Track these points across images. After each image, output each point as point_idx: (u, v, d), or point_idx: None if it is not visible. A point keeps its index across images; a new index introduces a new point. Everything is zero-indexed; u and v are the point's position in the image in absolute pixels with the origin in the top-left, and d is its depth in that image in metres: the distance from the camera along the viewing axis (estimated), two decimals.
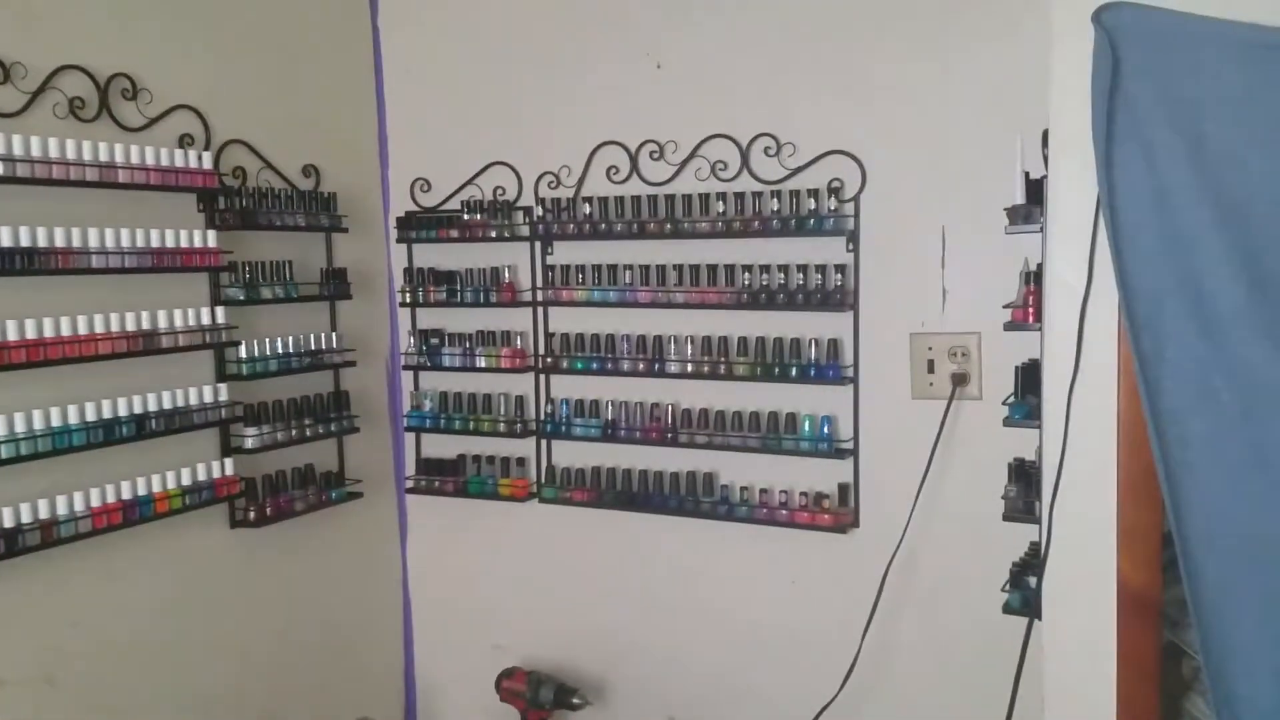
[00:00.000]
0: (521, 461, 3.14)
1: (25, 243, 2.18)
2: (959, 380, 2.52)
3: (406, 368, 3.25)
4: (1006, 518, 2.11)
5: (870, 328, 2.63)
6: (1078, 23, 1.71)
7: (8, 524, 2.16)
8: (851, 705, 2.66)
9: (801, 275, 2.65)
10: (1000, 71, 2.43)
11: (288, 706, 2.95)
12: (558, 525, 3.12)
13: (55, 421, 2.24)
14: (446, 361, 3.13)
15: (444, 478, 3.19)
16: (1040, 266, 1.91)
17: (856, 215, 2.61)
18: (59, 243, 2.24)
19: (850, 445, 2.67)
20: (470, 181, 3.13)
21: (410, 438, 3.31)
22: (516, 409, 3.10)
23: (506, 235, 3.03)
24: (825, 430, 2.66)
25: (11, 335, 2.15)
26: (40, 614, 2.31)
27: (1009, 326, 2.02)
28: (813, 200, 2.61)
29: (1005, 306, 2.06)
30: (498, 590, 3.25)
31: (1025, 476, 2.12)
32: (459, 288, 3.10)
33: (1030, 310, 1.99)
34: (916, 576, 2.62)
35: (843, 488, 2.69)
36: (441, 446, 3.24)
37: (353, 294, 3.05)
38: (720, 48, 2.77)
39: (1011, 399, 2.13)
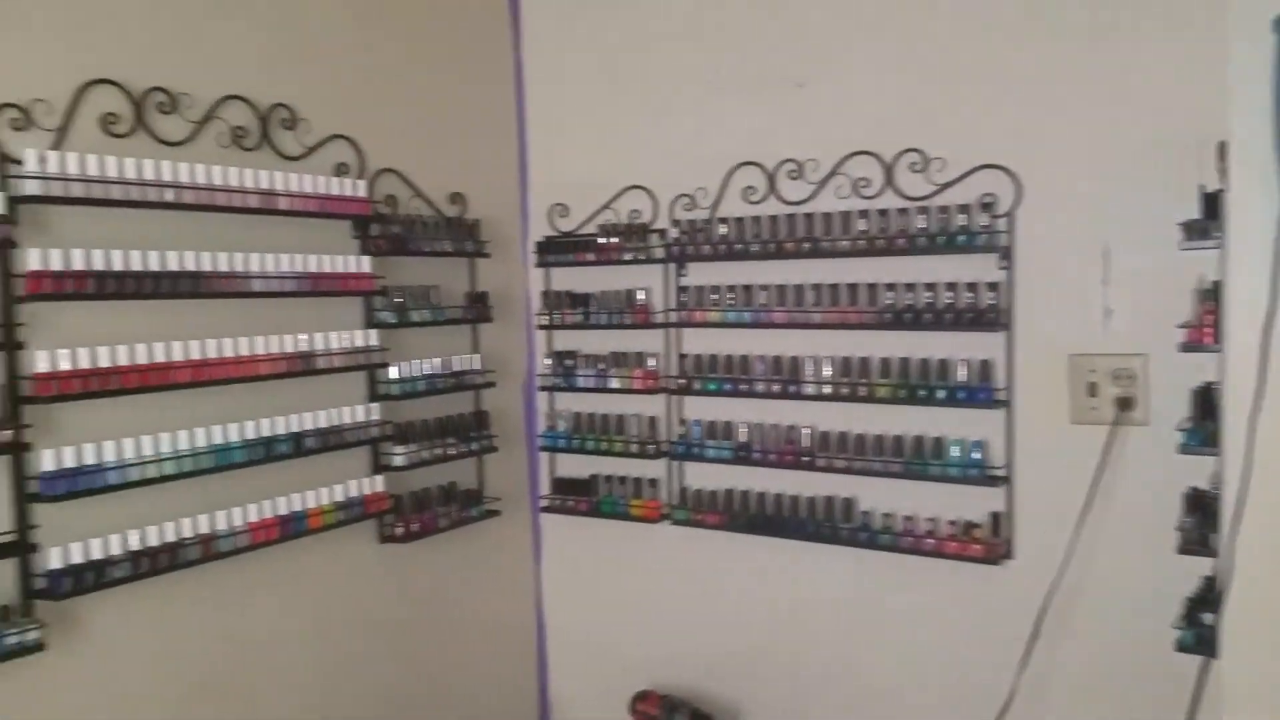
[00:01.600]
0: (653, 483, 3.13)
1: (191, 267, 2.28)
2: (1124, 404, 2.40)
3: (542, 388, 3.28)
4: (1182, 550, 1.99)
5: (1025, 349, 2.52)
6: (1257, 29, 1.62)
7: (170, 538, 2.25)
8: None
9: (951, 294, 2.57)
10: (1169, 77, 2.31)
11: (429, 715, 2.99)
12: (690, 548, 3.09)
13: (217, 439, 2.33)
14: (581, 382, 3.15)
15: (577, 497, 3.21)
16: (1218, 284, 1.80)
17: (1011, 231, 2.52)
18: (223, 267, 2.34)
19: (1003, 472, 2.56)
20: (606, 206, 3.15)
21: (545, 457, 3.33)
22: (649, 430, 3.09)
23: (641, 258, 3.03)
24: (976, 456, 2.56)
25: (177, 355, 2.25)
26: (197, 627, 2.40)
27: (1184, 348, 1.91)
28: (963, 216, 2.53)
29: (1180, 326, 1.94)
30: (630, 611, 3.24)
31: (1202, 507, 2.00)
32: (593, 310, 3.12)
33: (1207, 330, 1.87)
34: (1077, 611, 2.49)
35: (995, 516, 2.58)
36: (575, 466, 3.26)
37: (493, 317, 3.10)
38: (864, 63, 2.72)
39: (1187, 424, 2.01)
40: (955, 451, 2.59)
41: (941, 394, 2.58)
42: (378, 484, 2.72)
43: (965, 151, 2.57)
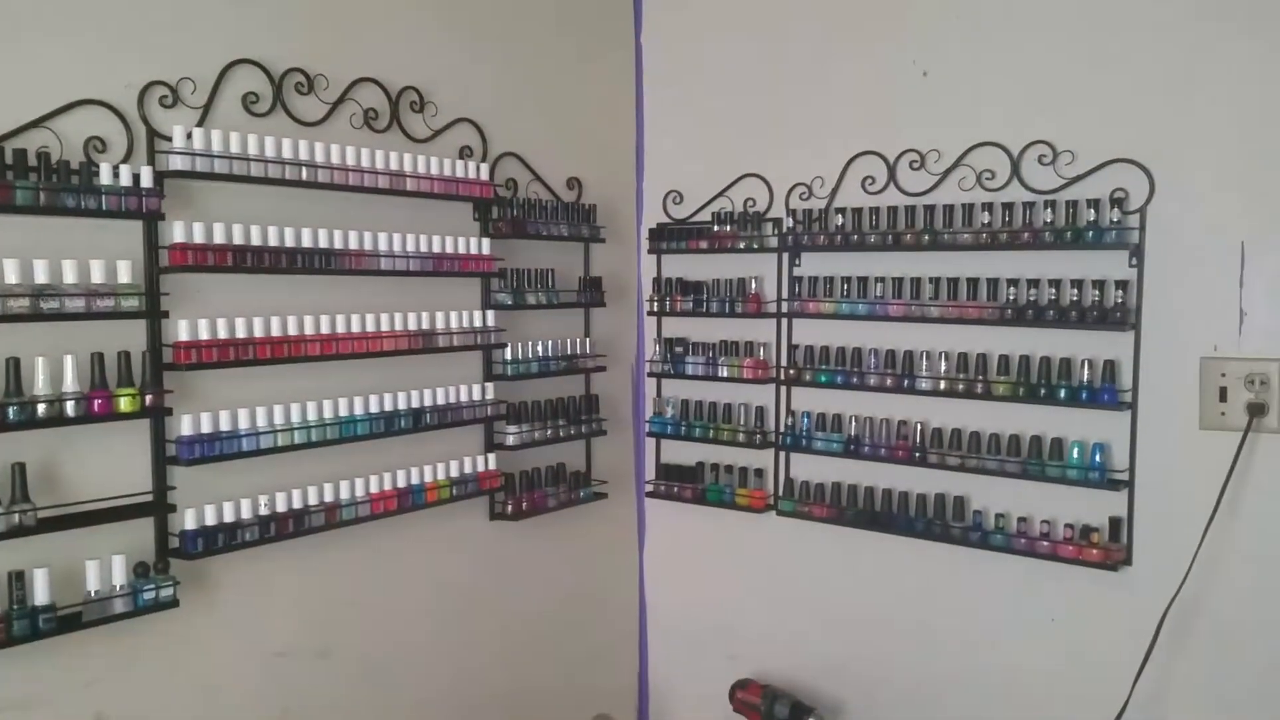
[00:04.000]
0: (760, 472, 3.12)
1: (323, 244, 2.36)
2: (1256, 410, 2.30)
3: (651, 374, 3.30)
4: None
5: (1153, 350, 2.44)
6: None
7: (296, 505, 2.34)
8: None
9: (1076, 291, 2.49)
10: None
11: (531, 692, 3.06)
12: (795, 539, 3.08)
13: (342, 412, 2.41)
14: (689, 370, 3.16)
15: (683, 484, 3.22)
16: None
17: (1142, 228, 2.43)
18: (353, 245, 2.41)
19: (1125, 476, 2.48)
20: (721, 193, 3.15)
21: (651, 443, 3.35)
22: (757, 419, 3.09)
23: (755, 246, 3.02)
24: (1097, 458, 2.49)
25: (308, 329, 2.33)
26: (319, 591, 2.49)
27: None
28: (1092, 211, 2.45)
29: None
30: (732, 600, 3.24)
31: None
32: (705, 298, 3.12)
33: None
34: (1198, 621, 2.40)
35: (1114, 521, 2.50)
36: (681, 453, 3.27)
37: (606, 302, 3.13)
38: (992, 51, 2.66)
39: None
40: (1075, 453, 2.52)
41: (1063, 393, 2.50)
42: (490, 462, 2.78)
43: (1096, 144, 2.49)
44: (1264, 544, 2.31)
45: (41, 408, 1.90)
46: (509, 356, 2.82)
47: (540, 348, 2.90)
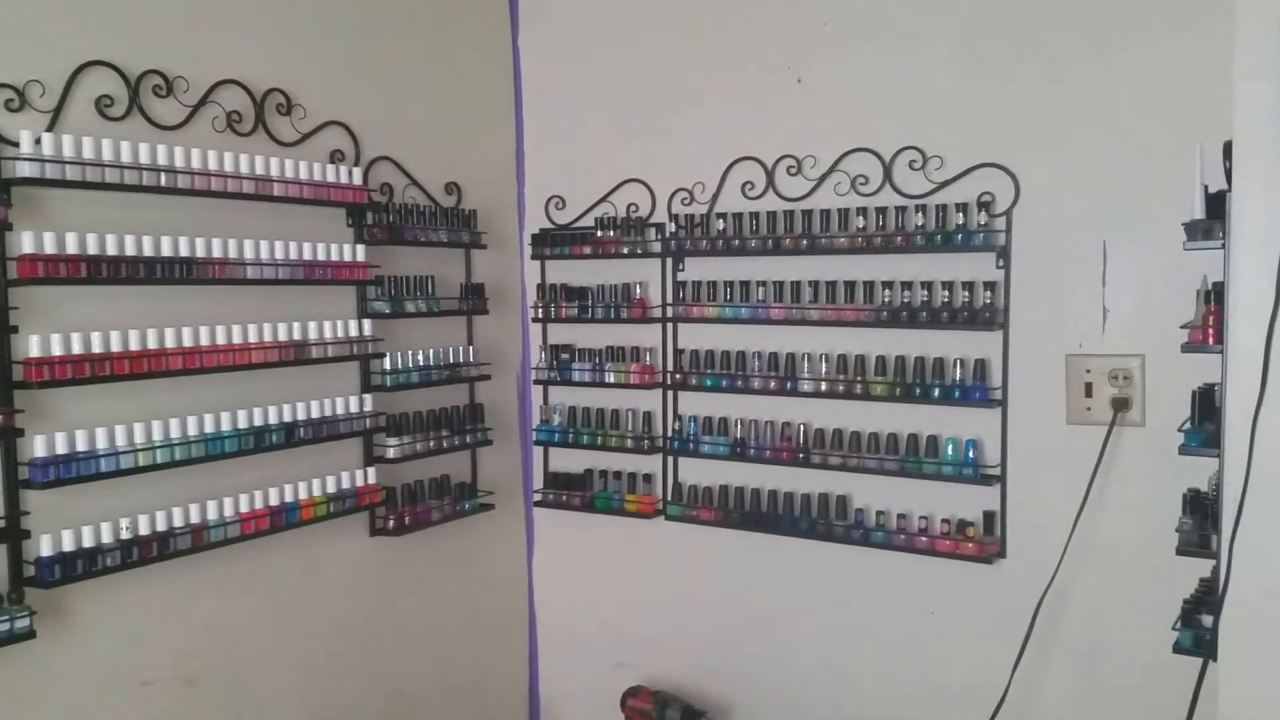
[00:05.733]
0: (648, 478, 3.12)
1: (184, 252, 2.26)
2: (1120, 405, 2.39)
3: (537, 382, 3.27)
4: (1181, 551, 1.98)
5: (1021, 348, 2.52)
6: (1264, 29, 1.62)
7: (160, 527, 2.23)
8: None
9: (947, 292, 2.56)
10: (1172, 75, 2.31)
11: (419, 711, 2.98)
12: (684, 543, 3.08)
13: (209, 428, 2.31)
14: (576, 376, 3.14)
15: (571, 492, 3.19)
16: (1220, 285, 1.79)
17: (1008, 230, 2.51)
18: (216, 253, 2.32)
19: (997, 471, 2.56)
20: (604, 199, 3.14)
21: (538, 451, 3.32)
22: (644, 425, 3.08)
23: (638, 252, 3.02)
24: (970, 454, 2.56)
25: (169, 343, 2.23)
26: (186, 616, 2.38)
27: (1186, 348, 1.90)
28: (961, 215, 2.52)
29: (1183, 327, 1.94)
30: (622, 606, 3.23)
31: (1201, 508, 1.99)
32: (590, 303, 3.11)
33: (1210, 331, 1.87)
34: (1071, 611, 2.49)
35: (988, 515, 2.58)
36: (569, 460, 3.24)
37: (489, 309, 3.09)
38: (864, 59, 2.71)
39: (1186, 425, 2.01)
40: (950, 450, 2.59)
41: (937, 392, 2.57)
42: (370, 476, 2.70)
43: (964, 150, 2.57)
44: (1132, 533, 2.40)
45: None
46: (388, 366, 2.74)
47: (421, 357, 2.83)
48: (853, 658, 2.83)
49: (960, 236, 2.52)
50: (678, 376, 2.99)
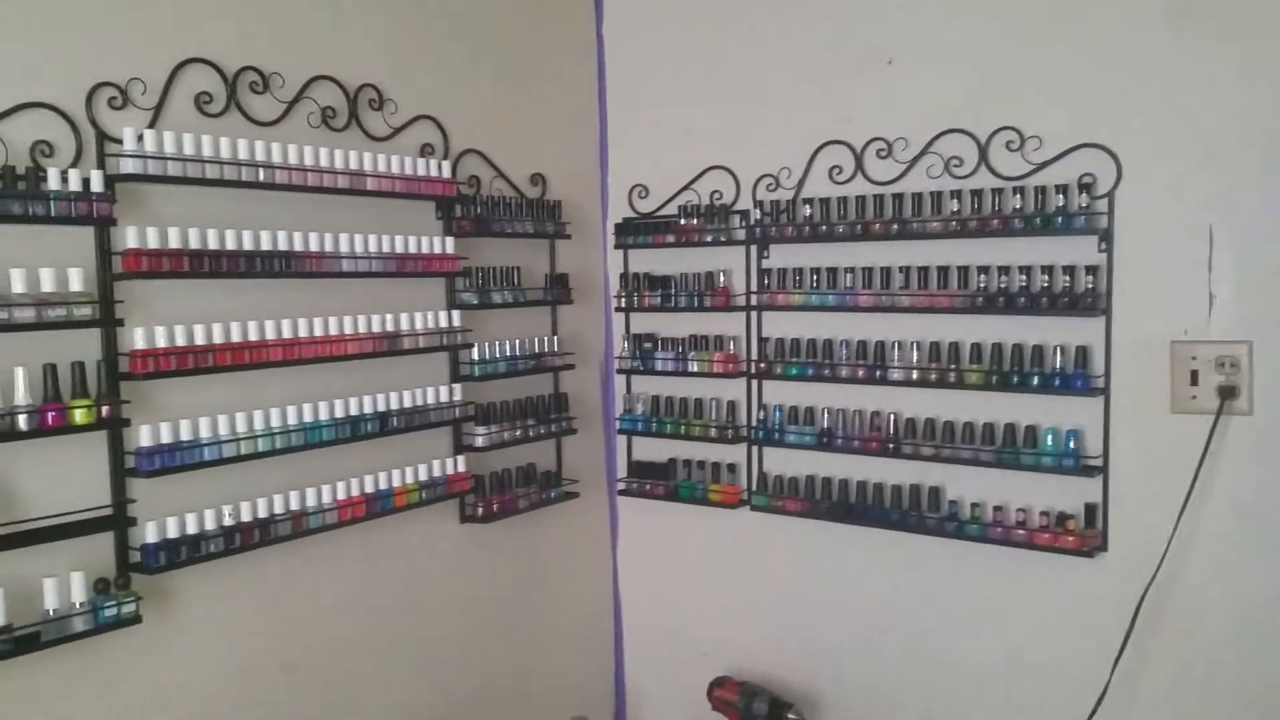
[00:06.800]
0: (732, 467, 3.10)
1: (282, 246, 2.29)
2: (1227, 393, 2.30)
3: (620, 371, 3.26)
4: None
5: (1124, 335, 2.44)
6: None
7: (261, 514, 2.28)
8: None
9: (1046, 277, 2.49)
10: None
11: (506, 695, 3.01)
12: (769, 534, 3.06)
13: (307, 417, 2.36)
14: (659, 365, 3.12)
15: (654, 481, 3.19)
16: None
17: (1110, 213, 2.43)
18: (313, 247, 2.35)
19: (1099, 462, 2.48)
20: (687, 186, 3.12)
21: (622, 440, 3.32)
22: (728, 414, 3.06)
23: (722, 239, 2.99)
24: (1071, 445, 2.48)
25: (269, 334, 2.27)
26: (286, 602, 2.43)
27: None
28: (1061, 197, 2.45)
29: None
30: (706, 597, 3.22)
31: None
32: (673, 292, 3.09)
33: None
34: (1176, 605, 2.40)
35: (1089, 507, 2.50)
36: (653, 450, 3.23)
37: (573, 299, 3.09)
38: (957, 36, 2.64)
39: None
40: (1049, 440, 2.51)
41: (1036, 380, 2.50)
42: (459, 464, 2.73)
43: (1063, 129, 2.48)
44: (1238, 526, 2.32)
45: None
46: (476, 356, 2.77)
47: (507, 347, 2.85)
48: (945, 652, 2.78)
49: (1060, 219, 2.44)
50: (762, 365, 2.96)
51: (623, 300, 3.20)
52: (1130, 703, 2.46)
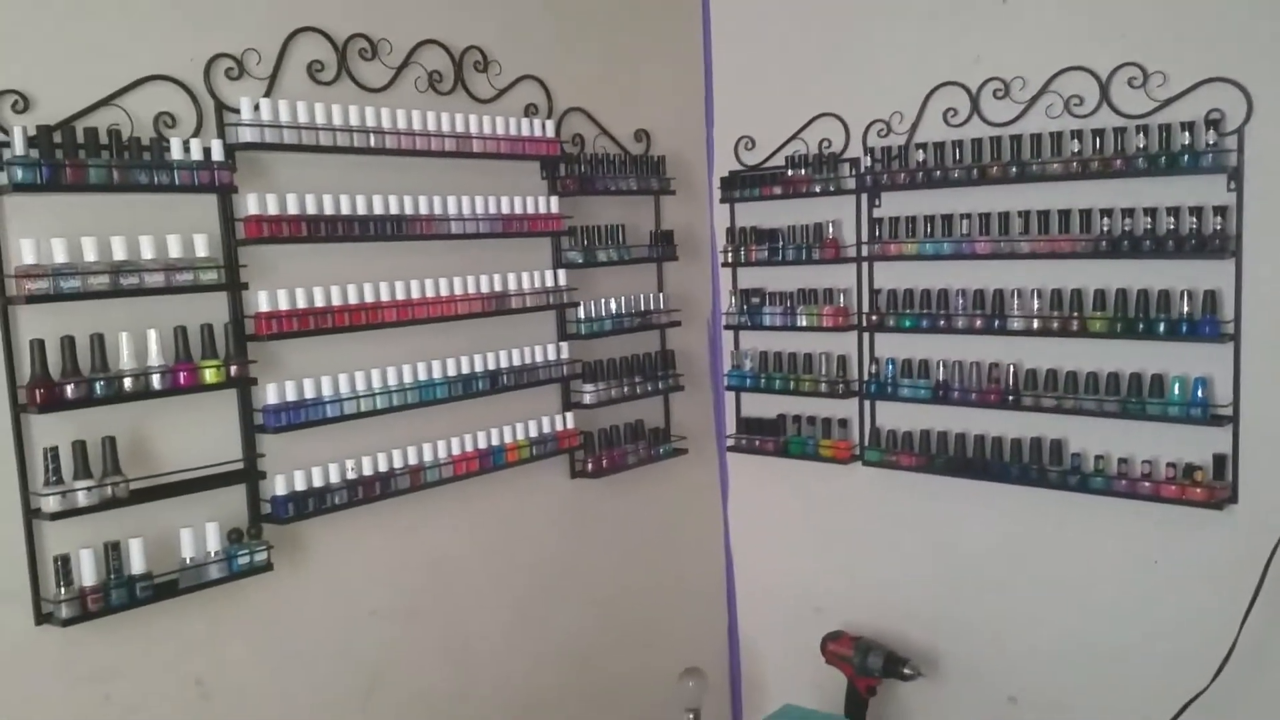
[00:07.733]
0: (844, 423, 3.06)
1: (394, 210, 2.35)
2: None
3: (727, 327, 3.25)
4: None
5: (1256, 278, 2.31)
6: None
7: (382, 469, 2.36)
8: (1223, 701, 2.39)
9: (1172, 219, 2.37)
10: None
11: (619, 647, 3.07)
12: (882, 490, 3.02)
13: (421, 376, 2.43)
14: (767, 320, 3.10)
15: (764, 437, 3.17)
16: None
17: (1240, 150, 2.29)
18: (423, 210, 2.41)
19: (1229, 411, 2.37)
20: (795, 136, 3.07)
21: (730, 397, 3.31)
22: (839, 369, 3.02)
23: (831, 189, 2.94)
24: (1199, 394, 2.37)
25: (384, 296, 2.34)
26: (408, 552, 2.52)
27: None
28: (1187, 134, 2.32)
29: None
30: (818, 552, 3.21)
31: None
32: (781, 245, 3.06)
33: None
34: None
35: (1218, 459, 2.39)
36: (762, 406, 3.22)
37: (678, 255, 3.09)
38: None
39: None
40: (1176, 389, 2.40)
41: (1162, 327, 2.39)
42: (568, 421, 2.78)
43: (1188, 64, 2.35)
44: None
45: (128, 382, 1.94)
46: (582, 315, 2.80)
47: (613, 305, 2.88)
48: (1066, 609, 2.70)
49: (1187, 158, 2.32)
50: (874, 318, 2.91)
51: (729, 255, 3.18)
52: (1259, 661, 2.36)
